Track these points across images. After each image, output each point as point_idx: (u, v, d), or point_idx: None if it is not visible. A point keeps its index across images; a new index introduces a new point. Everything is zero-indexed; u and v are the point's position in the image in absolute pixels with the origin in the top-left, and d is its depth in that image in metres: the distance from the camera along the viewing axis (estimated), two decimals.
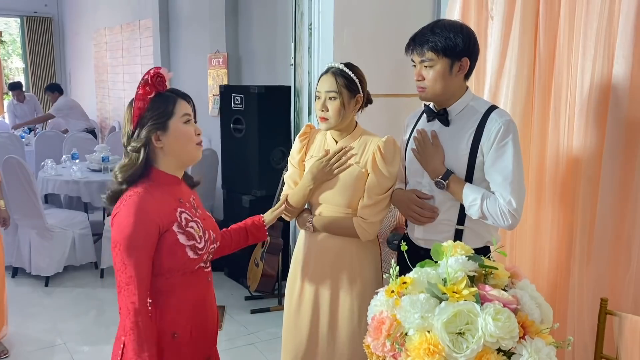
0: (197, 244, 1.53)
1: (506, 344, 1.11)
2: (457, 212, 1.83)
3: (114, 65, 7.90)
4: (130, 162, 1.50)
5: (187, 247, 1.51)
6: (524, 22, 2.22)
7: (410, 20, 3.16)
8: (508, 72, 2.30)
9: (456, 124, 1.82)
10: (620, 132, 1.96)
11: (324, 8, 3.01)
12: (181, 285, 1.54)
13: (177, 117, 1.51)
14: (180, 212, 1.53)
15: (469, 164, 1.78)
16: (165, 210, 1.50)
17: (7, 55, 12.36)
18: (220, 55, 5.17)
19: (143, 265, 1.45)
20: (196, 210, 1.61)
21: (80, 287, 4.19)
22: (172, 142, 1.51)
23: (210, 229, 1.62)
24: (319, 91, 1.96)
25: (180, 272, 1.53)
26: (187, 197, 1.61)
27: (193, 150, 1.55)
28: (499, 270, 1.26)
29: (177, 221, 1.50)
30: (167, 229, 1.48)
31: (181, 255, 1.50)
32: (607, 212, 2.02)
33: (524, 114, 2.27)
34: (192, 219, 1.55)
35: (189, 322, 1.56)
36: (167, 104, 1.50)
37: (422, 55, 1.75)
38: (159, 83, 1.49)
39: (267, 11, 4.73)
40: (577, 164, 2.13)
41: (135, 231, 1.43)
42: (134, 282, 1.43)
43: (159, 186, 1.52)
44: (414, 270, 1.28)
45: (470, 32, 1.78)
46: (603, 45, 1.99)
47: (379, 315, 1.22)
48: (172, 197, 1.54)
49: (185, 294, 1.55)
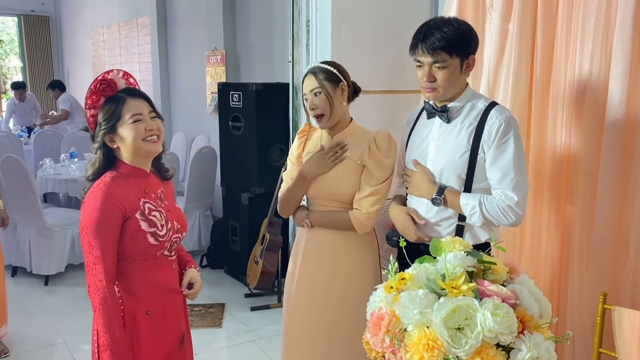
0: (158, 231, 1.65)
1: (505, 339, 1.11)
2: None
3: (112, 64, 7.88)
4: (94, 161, 1.68)
5: (148, 233, 1.63)
6: (522, 18, 2.22)
7: (408, 16, 3.15)
8: (506, 68, 2.29)
9: (456, 121, 1.81)
10: (619, 126, 1.96)
11: (321, 5, 3.01)
12: (145, 269, 1.67)
13: (125, 119, 1.63)
14: (143, 202, 1.66)
15: (470, 161, 1.78)
16: (129, 197, 1.63)
17: (5, 54, 12.34)
18: (218, 52, 5.16)
19: (109, 245, 1.58)
20: (162, 202, 1.74)
21: (80, 286, 4.18)
22: (123, 141, 1.64)
23: (174, 219, 1.74)
24: (305, 93, 2.00)
25: (142, 257, 1.65)
26: (154, 188, 1.73)
27: (145, 146, 1.65)
28: (498, 266, 1.26)
29: (139, 209, 1.63)
30: (130, 216, 1.61)
31: (142, 240, 1.63)
32: (606, 207, 2.02)
33: (522, 109, 2.27)
34: (155, 208, 1.68)
35: (160, 301, 1.70)
36: (115, 108, 1.63)
37: (436, 56, 1.72)
38: (105, 89, 1.64)
39: (264, 8, 4.72)
40: (575, 159, 2.13)
41: (101, 214, 1.56)
42: (100, 262, 1.56)
43: (125, 177, 1.66)
44: (412, 266, 1.28)
45: (473, 29, 1.79)
46: (601, 40, 1.99)
47: (378, 311, 1.22)
48: (137, 187, 1.67)
49: (149, 277, 1.68)
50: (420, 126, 1.93)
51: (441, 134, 1.83)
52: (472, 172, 1.78)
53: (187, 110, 6.15)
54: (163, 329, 1.71)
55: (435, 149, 1.84)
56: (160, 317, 1.69)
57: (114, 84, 1.65)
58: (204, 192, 4.78)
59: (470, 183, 1.80)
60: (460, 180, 1.80)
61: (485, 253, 1.31)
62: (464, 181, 1.80)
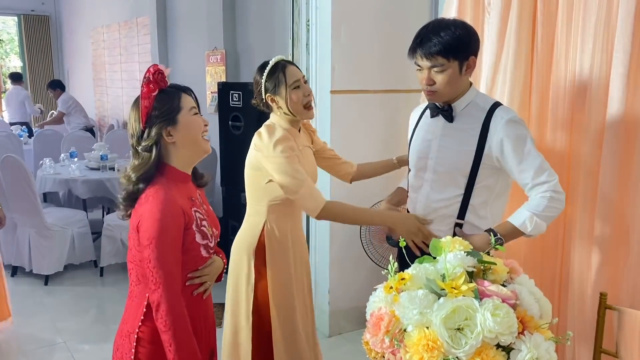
0: (209, 243, 1.55)
1: (505, 340, 1.11)
2: (458, 207, 1.83)
3: (112, 64, 7.88)
4: (144, 161, 1.48)
5: (202, 246, 1.52)
6: (521, 17, 2.22)
7: (408, 15, 3.15)
8: (504, 67, 2.29)
9: (460, 120, 1.81)
10: (620, 126, 1.96)
11: (321, 4, 3.00)
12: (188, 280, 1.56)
13: (185, 110, 1.50)
14: (194, 211, 1.52)
15: (474, 160, 1.78)
16: (185, 206, 1.49)
17: (5, 54, 12.34)
18: (218, 52, 5.16)
19: (178, 257, 1.45)
20: (203, 207, 1.61)
21: (79, 286, 4.18)
22: (184, 135, 1.50)
23: (213, 226, 1.63)
24: (299, 79, 1.96)
25: (191, 270, 1.54)
26: (195, 194, 1.60)
27: (203, 141, 1.55)
28: (498, 266, 1.26)
29: (194, 219, 1.50)
30: (188, 227, 1.48)
31: (195, 254, 1.51)
32: (607, 207, 2.01)
33: (521, 108, 2.27)
34: (203, 217, 1.56)
35: (196, 314, 1.57)
36: (172, 99, 1.49)
37: (433, 61, 1.72)
38: (161, 80, 1.49)
39: (264, 7, 4.71)
40: (576, 159, 2.12)
41: (168, 224, 1.41)
42: (172, 276, 1.42)
43: (174, 183, 1.51)
44: (412, 266, 1.28)
45: (473, 30, 1.77)
46: (602, 38, 1.98)
47: (378, 312, 1.21)
48: (186, 194, 1.53)
49: (191, 288, 1.56)
50: (424, 124, 1.93)
51: (445, 132, 1.83)
52: (476, 170, 1.78)
53: None
54: (201, 345, 1.57)
55: (438, 147, 1.84)
56: (198, 332, 1.57)
57: (165, 77, 1.51)
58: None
59: (472, 181, 1.80)
60: (463, 178, 1.80)
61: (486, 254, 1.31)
62: (466, 179, 1.80)
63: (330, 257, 3.19)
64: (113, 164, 4.87)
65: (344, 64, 3.02)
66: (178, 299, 1.43)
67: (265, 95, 1.98)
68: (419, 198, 1.90)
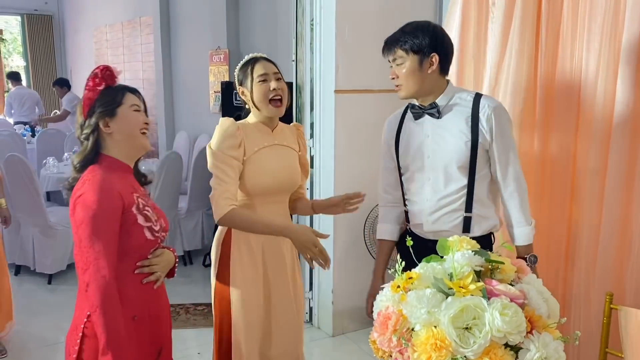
0: (153, 225, 1.59)
1: (513, 339, 1.10)
2: (464, 201, 1.85)
3: (115, 63, 7.87)
4: (83, 148, 1.59)
5: (145, 228, 1.56)
6: (525, 16, 2.21)
7: (413, 15, 3.13)
8: (507, 67, 2.28)
9: (449, 115, 1.85)
10: (626, 125, 1.95)
11: (326, 4, 3.00)
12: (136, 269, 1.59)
13: (126, 106, 1.59)
14: (136, 196, 1.59)
15: (471, 151, 1.81)
16: (125, 190, 1.55)
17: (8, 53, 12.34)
18: (222, 51, 5.16)
19: (112, 239, 1.49)
20: (148, 199, 1.67)
21: None
22: (120, 128, 1.58)
23: (161, 217, 1.68)
24: (267, 74, 1.92)
25: (137, 255, 1.58)
26: (138, 187, 1.67)
27: (141, 137, 1.61)
28: (506, 265, 1.26)
29: (135, 203, 1.56)
30: (127, 210, 1.53)
31: (139, 236, 1.55)
32: (614, 207, 2.01)
33: (525, 108, 2.26)
34: (146, 204, 1.62)
35: (147, 306, 1.60)
36: (116, 94, 1.59)
37: (394, 54, 1.83)
38: (109, 77, 1.60)
39: (268, 7, 4.71)
40: (582, 159, 2.12)
41: (102, 206, 1.47)
42: (103, 257, 1.45)
43: (113, 171, 1.57)
44: (419, 265, 1.27)
45: (437, 30, 1.85)
46: (608, 39, 1.97)
47: (385, 311, 1.21)
48: (126, 182, 1.60)
49: (139, 277, 1.59)
50: (408, 129, 1.93)
51: (436, 130, 1.85)
52: (474, 161, 1.82)
53: (190, 110, 6.14)
54: (144, 336, 1.59)
55: (433, 146, 1.86)
56: (145, 322, 1.59)
57: (114, 76, 1.62)
58: (206, 192, 4.72)
59: (473, 172, 1.83)
60: (464, 170, 1.83)
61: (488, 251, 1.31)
62: (467, 170, 1.83)
63: (334, 257, 3.19)
64: None
65: (348, 63, 3.01)
66: (108, 280, 1.45)
67: (238, 87, 1.99)
68: (425, 198, 1.89)
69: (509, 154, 1.84)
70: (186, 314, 3.64)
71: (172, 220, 4.43)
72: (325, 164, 3.15)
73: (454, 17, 2.57)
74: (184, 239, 4.57)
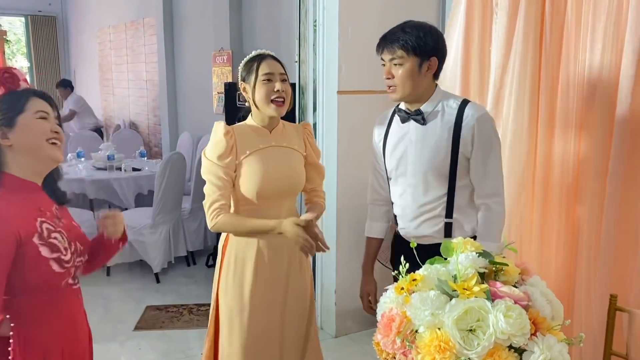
0: (62, 256, 1.40)
1: (518, 341, 1.10)
2: (445, 206, 1.85)
3: (119, 64, 7.90)
4: None
5: (52, 260, 1.37)
6: (529, 17, 2.21)
7: (415, 16, 3.12)
8: (512, 68, 2.28)
9: (434, 122, 1.83)
10: (629, 127, 1.95)
11: (329, 5, 3.00)
12: (47, 304, 1.42)
13: (30, 113, 1.38)
14: (40, 222, 1.38)
15: (452, 159, 1.80)
16: (23, 218, 1.35)
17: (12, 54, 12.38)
18: (225, 52, 5.17)
19: None
20: (59, 220, 1.47)
21: (86, 285, 4.10)
22: (22, 139, 1.36)
23: (76, 240, 1.49)
24: (272, 73, 1.85)
25: (45, 290, 1.40)
26: (49, 205, 1.46)
27: (47, 147, 1.39)
28: (509, 267, 1.25)
29: (37, 232, 1.36)
30: (27, 241, 1.34)
31: (45, 269, 1.36)
32: (615, 208, 2.00)
33: (530, 109, 2.26)
34: (54, 229, 1.41)
35: (59, 345, 1.44)
36: (17, 100, 1.38)
37: (393, 53, 1.77)
38: (8, 80, 1.39)
39: (271, 8, 4.72)
40: (585, 160, 2.11)
41: None
42: None
43: (14, 192, 1.37)
44: (423, 267, 1.27)
45: (439, 33, 1.82)
46: (612, 40, 1.97)
47: (389, 313, 1.21)
48: (30, 204, 1.39)
49: (53, 314, 1.43)
50: (395, 131, 1.93)
51: (419, 136, 1.84)
52: (455, 169, 1.81)
53: (193, 111, 6.16)
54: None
55: (416, 151, 1.85)
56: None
57: (17, 79, 1.40)
58: None
59: (453, 181, 1.82)
60: (444, 179, 1.82)
61: None
62: (447, 179, 1.82)
63: (337, 258, 3.19)
64: (120, 164, 4.89)
65: (351, 64, 3.01)
66: None
67: (240, 83, 1.93)
68: (406, 203, 1.90)
69: (487, 166, 1.80)
70: (189, 314, 3.64)
71: (176, 221, 4.44)
72: (328, 165, 3.15)
73: (457, 19, 2.57)
74: (187, 240, 4.57)
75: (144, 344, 3.27)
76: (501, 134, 2.32)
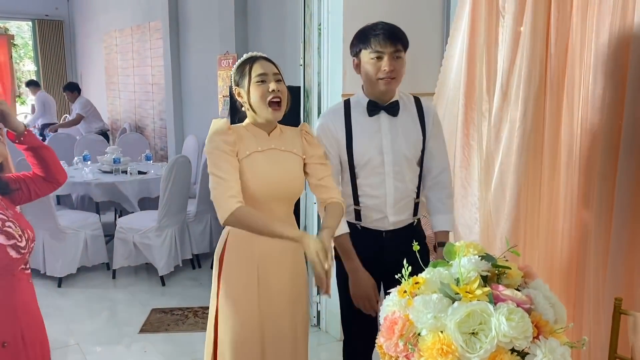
0: (18, 242, 1.47)
1: (520, 344, 1.10)
2: (416, 189, 2.07)
3: (125, 67, 7.95)
4: None
5: (8, 246, 1.45)
6: (535, 20, 2.21)
7: (420, 20, 3.14)
8: (518, 70, 2.28)
9: (403, 114, 2.02)
10: (636, 129, 1.94)
11: (333, 8, 3.01)
12: (4, 289, 1.46)
13: None
14: None
15: (423, 146, 2.05)
16: None
17: (19, 58, 12.49)
18: (230, 56, 5.19)
19: None
20: (7, 211, 1.54)
21: (92, 288, 4.21)
22: None
23: (27, 228, 1.56)
24: (266, 74, 1.79)
25: (3, 275, 1.46)
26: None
27: None
28: (512, 270, 1.25)
29: None
30: None
31: (2, 256, 1.43)
32: (624, 211, 1.99)
33: (535, 111, 2.25)
34: (7, 218, 1.49)
35: (18, 328, 1.47)
36: None
37: (397, 46, 1.94)
38: None
39: (276, 11, 4.74)
40: (592, 163, 2.11)
41: None
42: None
43: None
44: (426, 270, 1.28)
45: None
46: (616, 42, 1.97)
47: (392, 315, 1.21)
48: None
49: (8, 298, 1.47)
50: (360, 125, 2.00)
51: (392, 128, 2.00)
52: (423, 154, 2.06)
53: (198, 114, 6.18)
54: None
55: (390, 142, 1.99)
56: (20, 346, 1.46)
57: None
58: None
59: (421, 164, 2.07)
60: (417, 166, 2.05)
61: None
62: (419, 164, 2.06)
63: None
64: (126, 167, 4.92)
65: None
66: None
67: (234, 88, 1.87)
68: (387, 192, 2.01)
69: (439, 146, 2.09)
70: (195, 317, 3.65)
71: (181, 224, 4.46)
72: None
73: (462, 22, 2.57)
74: (192, 243, 4.59)
75: (150, 346, 3.29)
76: (508, 136, 2.32)
